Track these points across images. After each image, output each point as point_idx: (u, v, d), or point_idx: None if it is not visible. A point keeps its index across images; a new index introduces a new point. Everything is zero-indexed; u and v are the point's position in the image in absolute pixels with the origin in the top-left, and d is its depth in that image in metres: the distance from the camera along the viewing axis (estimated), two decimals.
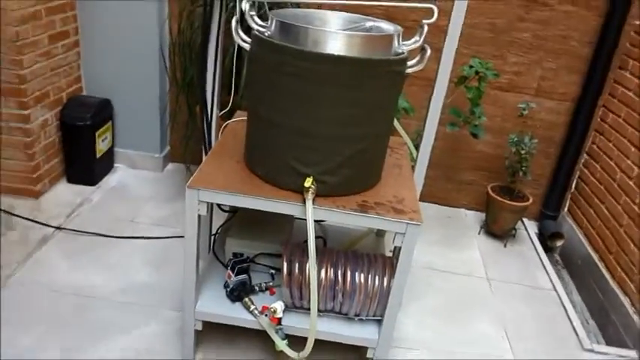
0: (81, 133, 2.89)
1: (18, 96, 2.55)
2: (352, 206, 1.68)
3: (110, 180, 3.18)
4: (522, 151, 2.95)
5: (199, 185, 1.67)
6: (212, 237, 2.31)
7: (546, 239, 3.23)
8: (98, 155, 3.02)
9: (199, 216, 1.72)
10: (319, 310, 1.90)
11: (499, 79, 2.98)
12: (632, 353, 2.41)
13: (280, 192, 1.69)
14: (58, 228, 2.66)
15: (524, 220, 3.38)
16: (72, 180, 3.03)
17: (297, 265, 1.85)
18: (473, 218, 3.38)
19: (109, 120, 3.10)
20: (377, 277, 1.85)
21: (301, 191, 1.66)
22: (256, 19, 1.69)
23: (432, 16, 1.67)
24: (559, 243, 3.21)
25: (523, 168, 2.99)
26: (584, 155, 3.23)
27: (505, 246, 3.14)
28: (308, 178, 1.62)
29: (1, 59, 2.45)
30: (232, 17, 1.66)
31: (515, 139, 2.98)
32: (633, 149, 2.72)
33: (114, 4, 2.90)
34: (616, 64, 2.98)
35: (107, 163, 3.19)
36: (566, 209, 3.37)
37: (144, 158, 3.30)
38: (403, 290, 1.78)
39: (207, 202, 1.70)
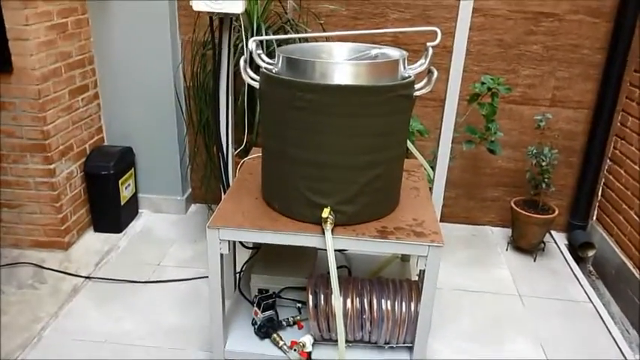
0: (105, 183, 2.96)
1: (43, 151, 2.64)
2: (372, 233, 1.67)
3: (136, 226, 3.23)
4: (543, 163, 2.92)
5: (219, 224, 1.69)
6: (237, 275, 2.31)
7: (577, 250, 3.15)
8: (123, 202, 3.08)
9: (222, 255, 1.73)
10: (348, 341, 1.88)
11: (513, 93, 2.97)
12: None
13: (299, 224, 1.70)
14: (87, 277, 2.70)
15: (553, 232, 3.31)
16: (99, 229, 3.09)
17: (322, 296, 1.84)
18: (499, 235, 3.33)
19: (131, 167, 3.17)
20: (404, 303, 1.83)
21: (319, 222, 1.66)
22: (264, 57, 1.73)
23: (436, 38, 1.69)
24: (590, 253, 3.14)
25: (546, 180, 2.95)
26: (608, 161, 3.17)
27: (535, 260, 3.08)
28: (325, 209, 1.63)
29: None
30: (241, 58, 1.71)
31: (535, 151, 2.95)
32: None
33: (130, 57, 3.01)
34: (631, 67, 2.95)
35: (132, 210, 3.26)
36: (594, 218, 3.30)
37: (167, 202, 3.36)
38: (431, 313, 1.75)
39: (229, 241, 1.71)
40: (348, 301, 1.83)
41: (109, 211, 3.05)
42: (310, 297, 1.84)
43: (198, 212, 3.42)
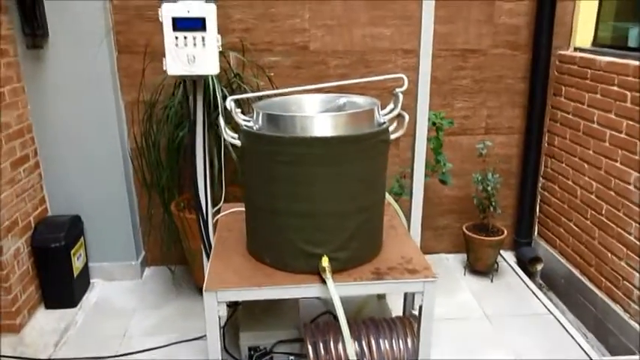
0: (56, 255, 2.79)
1: None
2: (368, 276, 1.72)
3: (90, 298, 3.05)
4: (488, 187, 3.11)
5: (216, 287, 1.66)
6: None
7: (526, 265, 3.36)
8: (75, 274, 2.91)
9: (219, 317, 1.69)
10: None
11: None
12: (637, 358, 2.51)
13: (295, 277, 1.71)
14: None
15: (501, 252, 3.51)
16: (50, 305, 2.89)
17: (321, 345, 1.84)
18: (454, 261, 3.48)
19: (80, 236, 3.02)
20: (400, 341, 1.88)
21: (315, 272, 1.69)
22: (240, 115, 1.75)
23: (403, 84, 1.80)
24: (539, 267, 3.35)
25: (492, 203, 3.14)
26: (541, 180, 3.44)
27: (492, 281, 3.24)
28: (323, 258, 1.65)
29: None
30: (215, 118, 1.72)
31: (479, 177, 3.14)
32: (587, 166, 2.93)
33: (70, 122, 2.90)
34: (551, 92, 3.25)
35: (84, 281, 3.08)
36: (536, 233, 3.54)
37: (121, 268, 3.21)
38: (430, 346, 1.81)
39: (226, 302, 1.69)
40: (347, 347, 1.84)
41: (61, 285, 2.87)
42: (310, 347, 1.83)
43: (154, 275, 3.29)
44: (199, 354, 2.56)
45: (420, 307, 1.73)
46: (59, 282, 2.86)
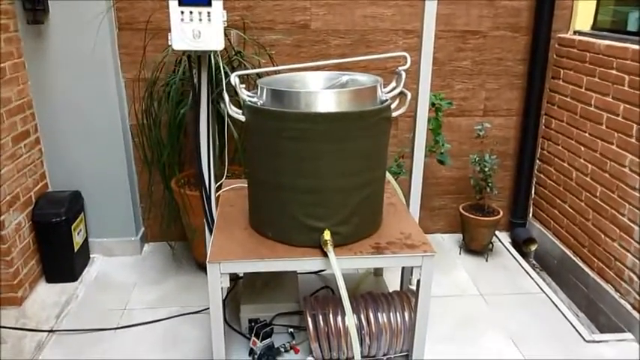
0: (57, 230, 2.82)
1: None
2: (368, 250, 1.75)
3: (90, 272, 3.09)
4: (485, 169, 3.15)
5: (219, 258, 1.69)
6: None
7: (521, 246, 3.41)
8: (76, 249, 2.94)
9: (222, 289, 1.73)
10: (348, 358, 1.93)
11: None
12: (629, 335, 2.57)
13: (297, 250, 1.74)
14: (51, 331, 2.55)
15: (496, 232, 3.56)
16: (51, 279, 2.93)
17: (320, 317, 1.89)
18: (450, 241, 3.53)
19: (81, 212, 3.04)
20: (398, 314, 1.92)
21: (316, 246, 1.72)
22: (244, 91, 1.77)
23: (406, 63, 1.82)
24: (533, 247, 3.40)
25: (489, 184, 3.18)
26: (538, 162, 3.48)
27: (487, 260, 3.29)
28: (326, 231, 1.68)
29: None
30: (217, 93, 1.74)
31: (477, 158, 3.18)
32: (583, 148, 2.97)
33: (71, 98, 2.91)
34: (549, 74, 3.27)
35: (84, 256, 3.11)
36: (531, 215, 3.59)
37: (120, 244, 3.24)
38: (427, 320, 1.85)
39: (229, 274, 1.72)
40: (346, 318, 1.88)
41: (62, 260, 2.90)
42: (310, 319, 1.88)
43: (154, 252, 3.33)
44: (200, 327, 2.61)
45: (418, 282, 1.77)
46: (60, 256, 2.89)
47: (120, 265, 3.18)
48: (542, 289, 2.98)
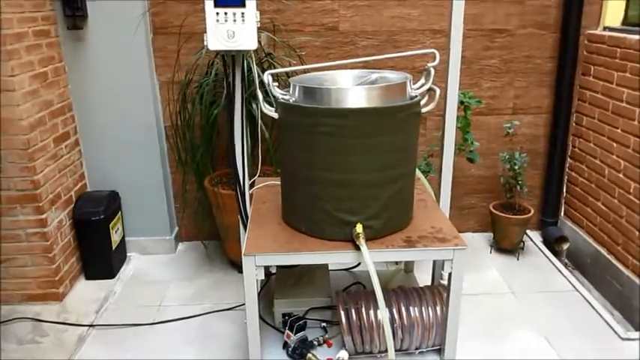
0: (96, 228, 2.92)
1: (34, 201, 2.59)
2: (400, 244, 1.78)
3: (127, 270, 3.18)
4: (516, 167, 3.14)
5: (254, 251, 1.74)
6: None
7: (553, 245, 3.38)
8: (114, 247, 3.04)
9: (257, 281, 1.78)
10: (380, 351, 1.96)
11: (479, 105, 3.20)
12: None
13: (329, 243, 1.78)
14: (91, 326, 2.65)
15: (527, 231, 3.54)
16: (90, 276, 3.03)
17: (353, 311, 1.92)
18: (480, 239, 3.52)
19: (118, 211, 3.14)
20: (430, 308, 1.94)
21: (348, 240, 1.75)
22: (277, 89, 1.82)
23: (435, 59, 1.84)
24: (565, 246, 3.37)
25: (519, 182, 3.17)
26: (569, 160, 3.44)
27: (518, 259, 3.28)
28: (358, 225, 1.72)
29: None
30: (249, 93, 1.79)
31: (507, 156, 3.17)
32: (615, 145, 2.93)
33: (108, 101, 3.01)
34: (579, 71, 3.25)
35: (121, 254, 3.21)
36: (562, 214, 3.56)
37: (156, 243, 3.33)
38: (459, 314, 1.87)
39: (264, 266, 1.77)
40: (378, 312, 1.91)
41: (100, 257, 3.00)
42: (342, 313, 1.91)
43: (187, 250, 3.41)
44: (232, 323, 2.67)
45: (449, 275, 1.79)
46: (99, 254, 3.00)
47: (155, 263, 3.27)
48: (575, 288, 2.96)
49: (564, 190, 3.51)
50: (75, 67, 2.95)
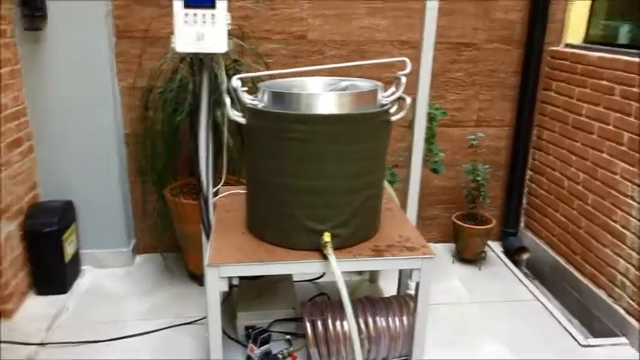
0: (48, 241, 2.78)
1: None
2: (368, 253, 1.75)
3: (81, 284, 3.04)
4: (478, 178, 3.17)
5: (219, 262, 1.68)
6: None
7: (513, 255, 3.43)
8: (67, 260, 2.90)
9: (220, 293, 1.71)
10: None
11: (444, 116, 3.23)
12: (623, 340, 2.59)
13: (296, 253, 1.73)
14: (41, 344, 2.50)
15: (489, 242, 3.57)
16: (41, 291, 2.88)
17: (319, 323, 1.87)
18: (443, 250, 3.54)
19: (72, 222, 3.00)
20: (397, 318, 1.91)
21: (315, 249, 1.71)
22: (245, 94, 1.77)
23: (406, 68, 1.84)
24: (525, 256, 3.42)
25: (482, 193, 3.20)
26: (529, 172, 3.51)
27: (480, 269, 3.30)
28: (326, 233, 1.68)
29: None
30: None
31: (470, 167, 3.20)
32: (574, 157, 3.01)
33: (66, 107, 2.89)
34: (541, 86, 3.33)
35: (75, 267, 3.07)
36: (522, 224, 3.62)
37: (112, 255, 3.20)
38: (426, 323, 1.85)
39: (228, 278, 1.71)
40: (344, 323, 1.87)
41: (52, 271, 2.86)
42: (308, 325, 1.86)
43: (145, 263, 3.29)
44: (194, 337, 2.58)
45: (417, 285, 1.77)
46: (51, 268, 2.85)
47: (111, 276, 3.14)
48: (535, 297, 3.00)
49: (524, 201, 3.57)
50: (32, 70, 2.82)
